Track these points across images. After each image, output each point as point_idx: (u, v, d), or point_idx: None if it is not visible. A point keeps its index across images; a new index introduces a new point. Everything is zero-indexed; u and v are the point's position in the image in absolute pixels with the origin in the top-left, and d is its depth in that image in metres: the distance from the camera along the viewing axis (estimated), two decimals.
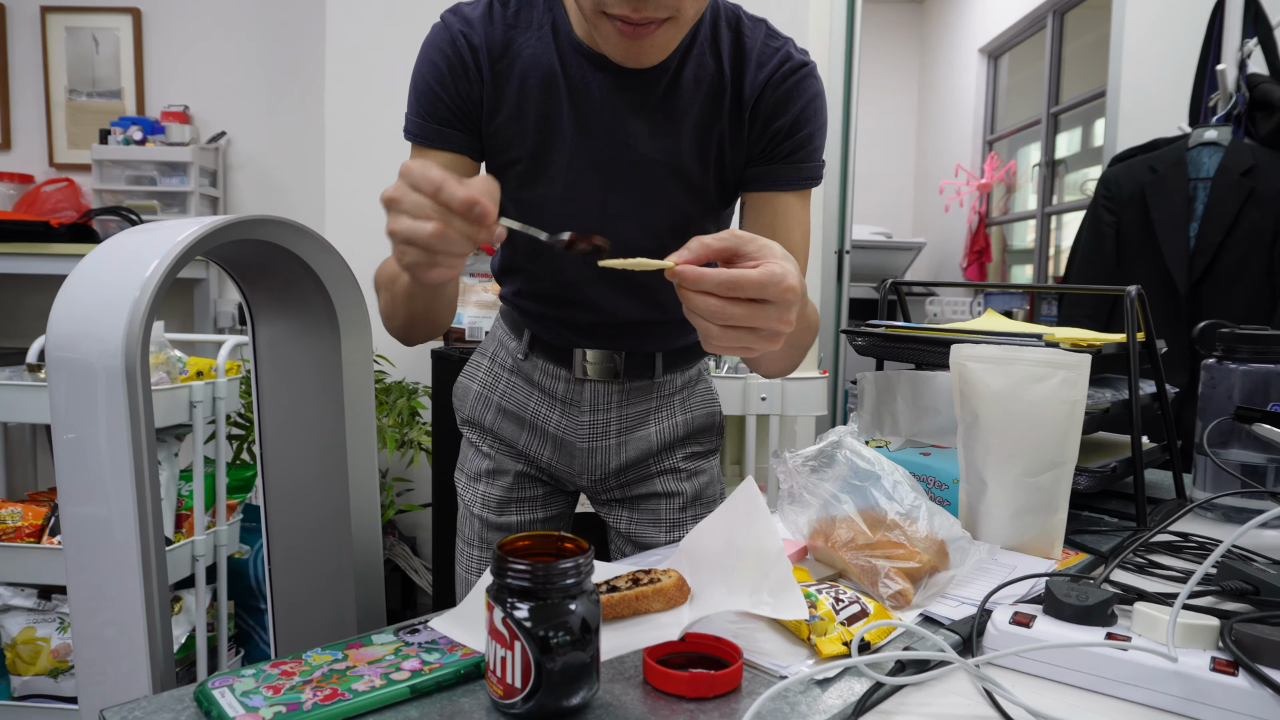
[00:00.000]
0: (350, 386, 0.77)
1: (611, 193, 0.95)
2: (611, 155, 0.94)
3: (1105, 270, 2.21)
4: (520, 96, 0.92)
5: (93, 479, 0.66)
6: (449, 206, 0.61)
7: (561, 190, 0.94)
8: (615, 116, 0.93)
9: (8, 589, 1.76)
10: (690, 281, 0.62)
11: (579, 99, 0.92)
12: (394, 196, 0.62)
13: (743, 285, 0.61)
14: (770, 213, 0.97)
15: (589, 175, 0.94)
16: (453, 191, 0.61)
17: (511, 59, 0.92)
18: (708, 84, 0.94)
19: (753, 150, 0.96)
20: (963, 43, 5.14)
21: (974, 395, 0.86)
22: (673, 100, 0.93)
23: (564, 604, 0.52)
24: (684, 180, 0.96)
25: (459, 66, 0.91)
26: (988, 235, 4.88)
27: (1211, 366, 1.04)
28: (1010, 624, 0.63)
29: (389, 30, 2.59)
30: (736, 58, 0.95)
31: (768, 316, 0.63)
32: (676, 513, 1.09)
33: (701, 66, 0.94)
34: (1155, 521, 0.95)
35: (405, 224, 0.62)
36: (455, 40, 0.91)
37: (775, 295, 0.62)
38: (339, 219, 2.64)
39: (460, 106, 0.92)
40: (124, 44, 3.05)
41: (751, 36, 0.95)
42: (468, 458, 1.13)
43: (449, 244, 0.62)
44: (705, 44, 0.94)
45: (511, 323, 1.09)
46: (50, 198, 2.98)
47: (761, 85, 0.94)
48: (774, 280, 0.62)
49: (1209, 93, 2.25)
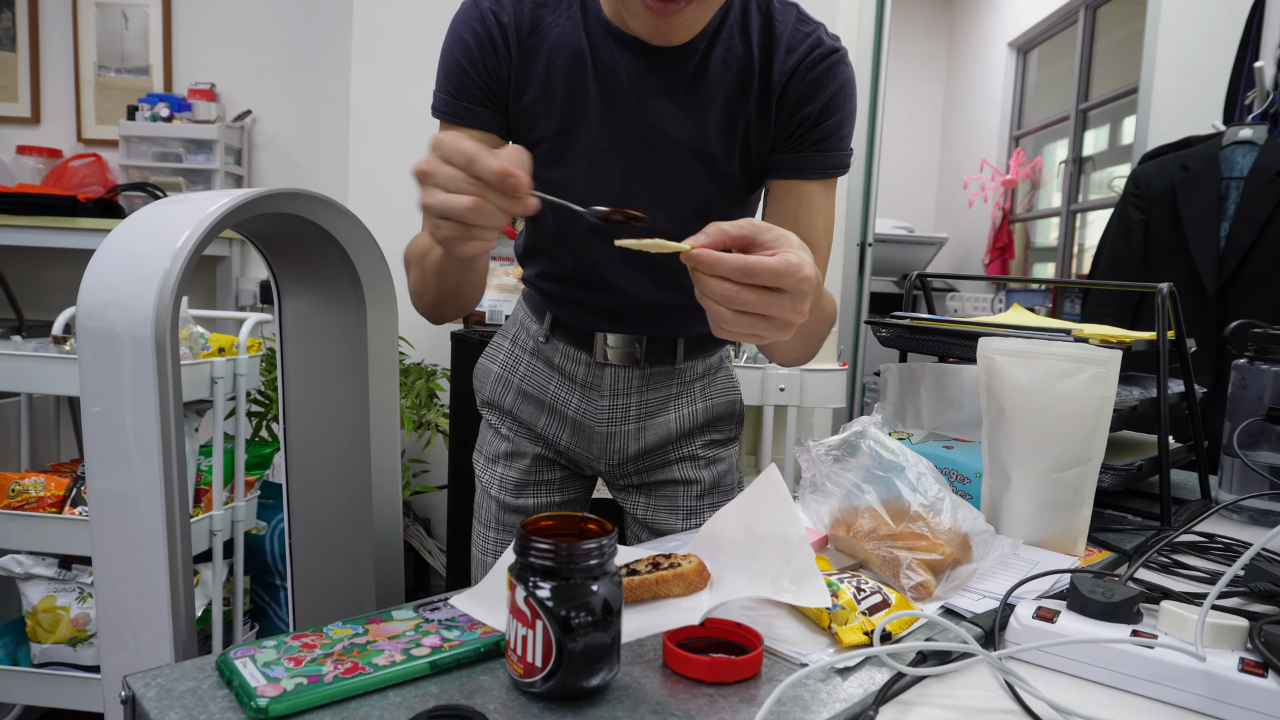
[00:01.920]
0: (375, 362, 0.77)
1: (635, 173, 0.95)
2: (637, 136, 0.93)
3: (1132, 269, 2.18)
4: (548, 75, 0.92)
5: (120, 450, 0.66)
6: (483, 179, 0.61)
7: (586, 170, 0.94)
8: (642, 97, 0.92)
9: (30, 558, 1.78)
10: (706, 265, 0.62)
11: (606, 79, 0.92)
12: (427, 170, 0.62)
13: (758, 272, 0.61)
14: (794, 201, 0.96)
15: (613, 155, 0.94)
16: (487, 163, 0.60)
17: (540, 38, 0.92)
18: (736, 67, 0.93)
19: (779, 137, 0.95)
20: (992, 37, 5.08)
21: (1000, 389, 0.85)
22: (700, 82, 0.93)
23: (586, 584, 0.52)
24: (709, 163, 0.95)
25: (488, 44, 0.91)
26: (1011, 232, 4.83)
27: (1242, 367, 1.02)
28: (1034, 618, 0.62)
29: (415, 10, 2.59)
30: (766, 41, 0.93)
31: (781, 305, 0.62)
32: (694, 500, 1.09)
33: (730, 49, 0.93)
34: (1180, 522, 0.94)
35: (440, 198, 0.62)
36: (485, 18, 0.91)
37: (790, 284, 0.61)
38: (362, 198, 2.65)
39: (489, 84, 0.92)
40: (153, 21, 3.06)
41: (782, 20, 0.94)
42: (486, 439, 1.13)
43: (485, 217, 0.62)
44: (735, 26, 0.93)
45: (534, 305, 1.09)
46: (78, 172, 3.00)
47: (791, 70, 0.93)
48: (790, 269, 0.61)
49: (1245, 90, 2.21)
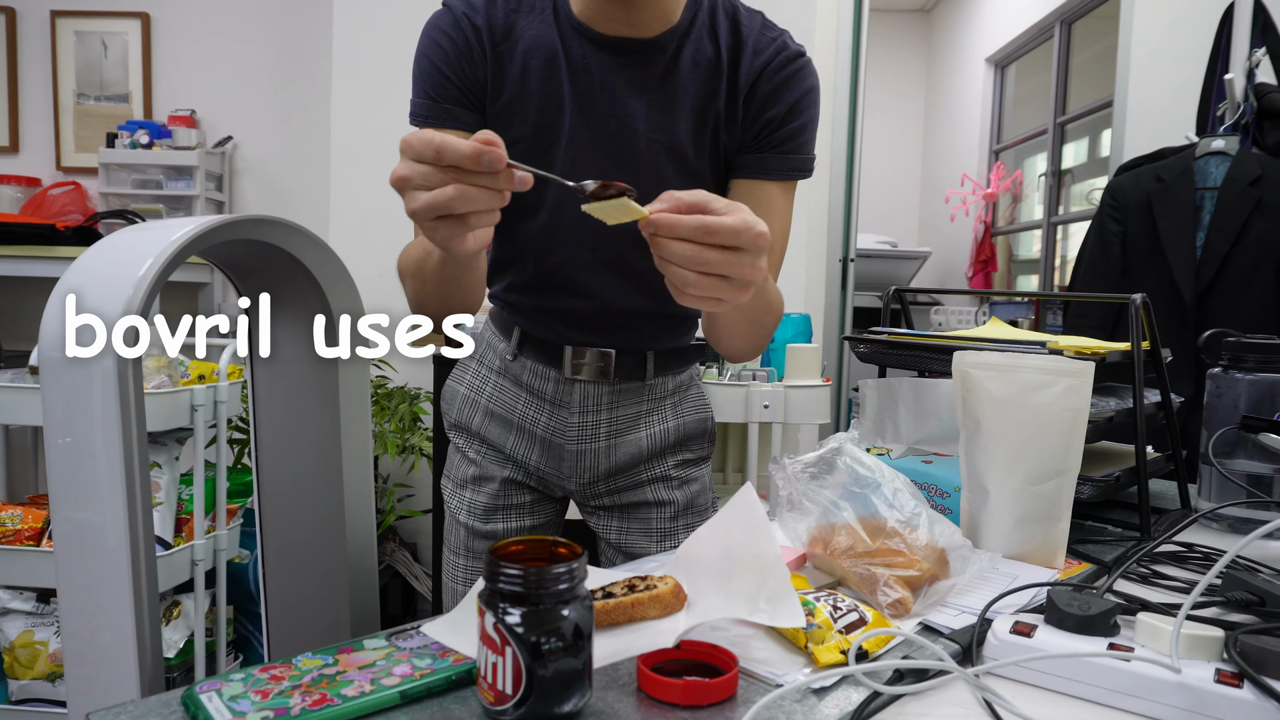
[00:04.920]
0: (346, 388, 0.77)
1: (610, 170, 0.95)
2: (610, 133, 0.95)
3: (1111, 280, 2.20)
4: (523, 76, 0.94)
5: (85, 482, 0.65)
6: (458, 165, 0.60)
7: (561, 169, 0.95)
8: (614, 95, 0.94)
9: (7, 592, 1.75)
10: (666, 228, 0.64)
11: (579, 77, 0.94)
12: (403, 174, 0.61)
13: (717, 230, 0.63)
14: (754, 201, 0.97)
15: (588, 152, 0.96)
16: (456, 148, 0.59)
17: (514, 41, 0.94)
18: (705, 67, 0.96)
19: (745, 137, 0.98)
20: (970, 52, 5.14)
21: (976, 402, 0.85)
22: (670, 81, 0.95)
23: (556, 609, 0.51)
24: (680, 160, 0.97)
25: (463, 46, 0.93)
26: (993, 245, 4.87)
27: (1217, 376, 1.03)
28: (1011, 633, 0.62)
29: (394, 37, 2.60)
30: (734, 44, 0.97)
31: (741, 263, 0.65)
32: (668, 522, 1.08)
33: (699, 50, 0.96)
34: (1159, 532, 0.94)
35: (423, 198, 0.61)
36: (459, 22, 0.93)
37: (747, 241, 0.64)
38: (343, 223, 2.64)
39: (465, 85, 0.94)
40: (132, 48, 3.06)
41: (748, 25, 0.98)
42: (454, 464, 1.12)
43: (473, 201, 0.61)
44: (703, 28, 0.96)
45: (500, 322, 1.09)
46: (57, 201, 2.99)
47: (757, 73, 0.96)
48: (746, 226, 0.64)
49: (1216, 102, 2.24)
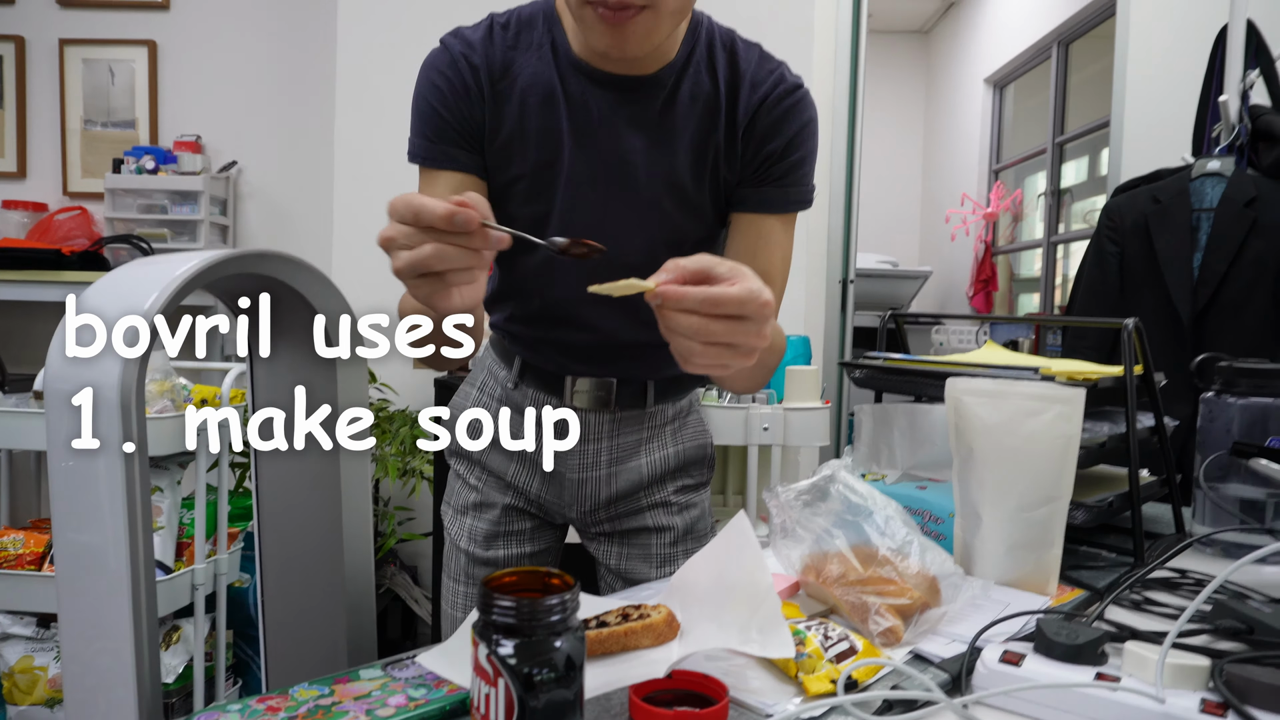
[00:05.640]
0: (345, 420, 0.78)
1: (610, 206, 0.96)
2: (609, 169, 0.95)
3: (1109, 300, 2.20)
4: (522, 114, 0.94)
5: (87, 509, 0.66)
6: (432, 226, 0.62)
7: (562, 204, 0.96)
8: (613, 131, 0.94)
9: (7, 617, 1.76)
10: (673, 300, 0.65)
11: (577, 114, 0.94)
12: (388, 235, 0.63)
13: (723, 302, 0.64)
14: (754, 234, 0.98)
15: (588, 188, 0.96)
16: (431, 209, 0.62)
17: (512, 79, 0.94)
18: (703, 101, 0.96)
19: (744, 171, 0.98)
20: (968, 73, 5.18)
21: (969, 429, 0.86)
22: (669, 116, 0.95)
23: (549, 641, 0.52)
24: (680, 195, 0.97)
25: (460, 87, 0.93)
26: (994, 264, 4.88)
27: (1210, 400, 1.04)
28: (1000, 663, 0.62)
29: (398, 64, 2.62)
30: (731, 77, 0.96)
31: (746, 332, 0.66)
32: (667, 548, 1.09)
33: (697, 84, 0.95)
34: (1154, 557, 0.94)
35: (404, 257, 0.63)
36: (456, 62, 0.93)
37: (753, 311, 0.65)
38: (346, 248, 2.66)
39: (463, 126, 0.93)
40: (139, 75, 3.10)
41: (746, 58, 0.97)
42: (454, 490, 1.12)
43: (448, 260, 0.63)
44: (701, 63, 0.96)
45: (501, 351, 1.09)
46: (63, 226, 3.02)
47: (756, 106, 0.96)
48: (752, 296, 0.65)
49: (1211, 123, 2.25)
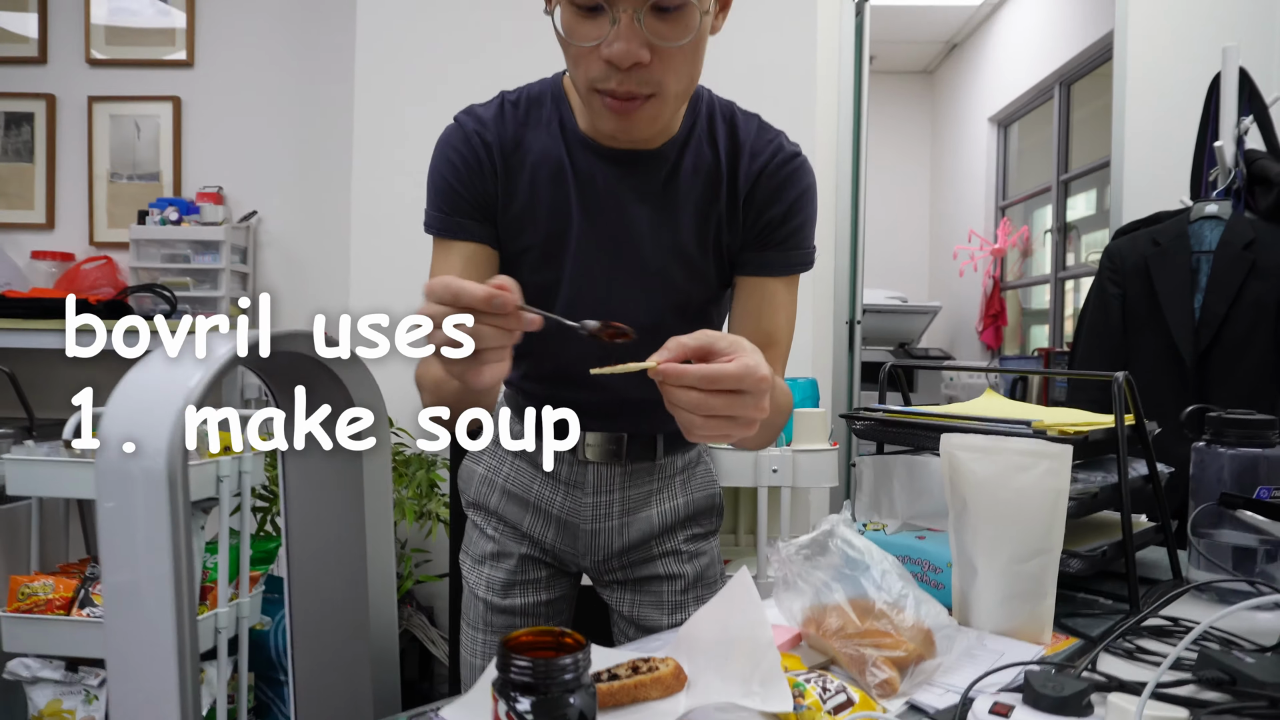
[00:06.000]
0: (370, 489, 0.82)
1: (617, 274, 1.01)
2: (616, 239, 1.00)
3: (1112, 342, 2.24)
4: (532, 188, 0.99)
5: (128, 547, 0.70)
6: (472, 308, 0.67)
7: (571, 273, 1.00)
8: (619, 203, 0.99)
9: (37, 660, 1.80)
10: (673, 378, 0.70)
11: (585, 187, 0.99)
12: (424, 314, 0.68)
13: (721, 379, 0.69)
14: (759, 297, 1.03)
15: (596, 257, 1.00)
16: (471, 292, 0.66)
17: (523, 154, 0.99)
18: (705, 172, 1.00)
19: (746, 236, 1.02)
20: (973, 112, 5.25)
21: (963, 482, 0.90)
22: (673, 188, 1.00)
23: (564, 698, 0.56)
24: (685, 262, 1.02)
25: (474, 163, 0.98)
26: (1003, 299, 4.92)
27: (1201, 450, 1.07)
28: (990, 714, 0.65)
29: (413, 116, 2.72)
30: (732, 148, 1.01)
31: (744, 405, 0.70)
32: (678, 595, 1.12)
33: (699, 156, 1.00)
34: (1149, 603, 0.97)
35: (439, 335, 0.67)
36: (470, 139, 0.98)
37: (750, 385, 0.69)
38: (363, 295, 2.74)
39: (476, 200, 0.99)
40: (164, 130, 3.21)
41: (745, 129, 1.02)
42: (472, 540, 1.17)
43: (485, 339, 0.67)
44: (703, 135, 1.01)
45: (515, 406, 1.14)
46: (89, 275, 3.10)
47: (756, 174, 1.01)
48: (749, 372, 0.69)
49: (1208, 167, 2.30)
